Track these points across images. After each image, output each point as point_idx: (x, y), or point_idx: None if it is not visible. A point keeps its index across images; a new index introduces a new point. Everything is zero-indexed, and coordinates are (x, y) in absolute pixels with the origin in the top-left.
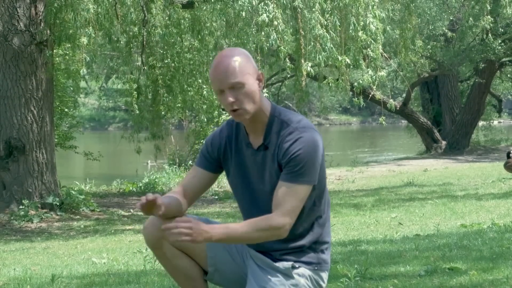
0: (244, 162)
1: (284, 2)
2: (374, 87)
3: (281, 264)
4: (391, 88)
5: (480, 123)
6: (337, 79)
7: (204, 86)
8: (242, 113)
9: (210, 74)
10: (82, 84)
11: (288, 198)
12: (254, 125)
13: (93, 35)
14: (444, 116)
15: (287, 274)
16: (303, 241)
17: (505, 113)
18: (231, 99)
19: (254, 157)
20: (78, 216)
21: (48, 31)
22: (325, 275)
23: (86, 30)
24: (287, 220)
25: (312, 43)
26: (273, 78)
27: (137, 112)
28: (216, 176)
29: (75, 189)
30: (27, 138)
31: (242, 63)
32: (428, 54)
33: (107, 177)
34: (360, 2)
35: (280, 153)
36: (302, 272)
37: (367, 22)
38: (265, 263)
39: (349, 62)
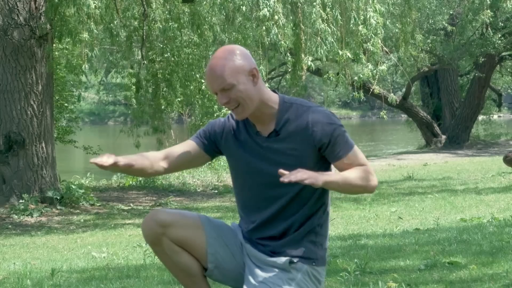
0: (255, 151)
1: None
2: (375, 81)
3: (278, 259)
4: (391, 82)
5: (480, 117)
6: (338, 73)
7: (203, 81)
8: (239, 111)
9: (205, 77)
10: (82, 78)
11: (357, 159)
12: (259, 116)
13: (95, 30)
14: (444, 110)
15: (284, 269)
16: (305, 227)
17: (505, 108)
18: (224, 100)
19: (266, 144)
20: (78, 210)
21: (49, 26)
22: (322, 270)
23: (88, 25)
24: (372, 170)
25: (312, 38)
26: (272, 72)
27: (135, 106)
28: (206, 159)
29: (75, 183)
30: (27, 132)
31: (230, 63)
32: (428, 48)
33: (107, 171)
34: None
35: (312, 135)
36: (300, 267)
37: (368, 16)
38: (260, 261)
39: (349, 56)
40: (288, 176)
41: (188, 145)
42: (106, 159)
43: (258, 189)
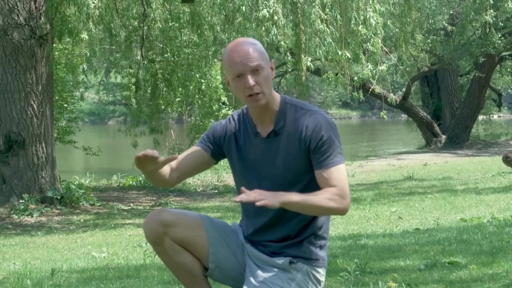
0: (253, 153)
1: None
2: (374, 81)
3: (278, 259)
4: (391, 82)
5: (480, 117)
6: (337, 74)
7: (202, 81)
8: (260, 97)
9: (228, 59)
10: (82, 78)
11: (336, 179)
12: (264, 113)
13: (94, 30)
14: (444, 110)
15: (284, 269)
16: (306, 232)
17: (505, 107)
18: (252, 82)
19: (264, 145)
20: (78, 210)
21: (49, 26)
22: (322, 271)
23: (88, 25)
24: (347, 196)
25: (312, 38)
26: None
27: (135, 106)
28: (212, 162)
29: (75, 183)
30: (27, 132)
31: (260, 48)
32: (428, 48)
33: (107, 171)
34: None
35: (306, 137)
36: (300, 267)
37: (367, 16)
38: (261, 261)
39: (349, 56)
40: (241, 197)
41: (195, 152)
42: (152, 152)
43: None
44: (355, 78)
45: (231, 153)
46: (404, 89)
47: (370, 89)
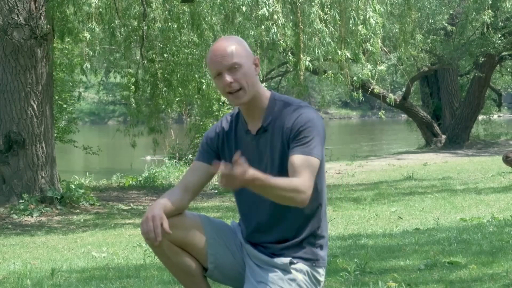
0: (245, 151)
1: None
2: (374, 81)
3: (279, 260)
4: (391, 82)
5: (480, 117)
6: (336, 73)
7: (203, 81)
8: (240, 94)
9: (208, 59)
10: (82, 77)
11: (304, 169)
12: (252, 110)
13: (96, 29)
14: (444, 110)
15: (284, 269)
16: (304, 232)
17: (505, 107)
18: (229, 79)
19: (254, 142)
20: (77, 210)
21: (49, 26)
22: (322, 271)
23: (89, 25)
24: (309, 189)
25: (313, 37)
26: (272, 72)
27: (134, 106)
28: (216, 171)
29: (75, 183)
30: (26, 132)
31: (238, 46)
32: (428, 48)
33: (107, 171)
34: None
35: (287, 129)
36: (300, 268)
37: (367, 16)
38: (261, 261)
39: (348, 56)
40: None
41: (197, 168)
42: (158, 237)
43: (249, 192)
44: (355, 78)
45: (224, 153)
46: (404, 89)
47: (370, 89)
